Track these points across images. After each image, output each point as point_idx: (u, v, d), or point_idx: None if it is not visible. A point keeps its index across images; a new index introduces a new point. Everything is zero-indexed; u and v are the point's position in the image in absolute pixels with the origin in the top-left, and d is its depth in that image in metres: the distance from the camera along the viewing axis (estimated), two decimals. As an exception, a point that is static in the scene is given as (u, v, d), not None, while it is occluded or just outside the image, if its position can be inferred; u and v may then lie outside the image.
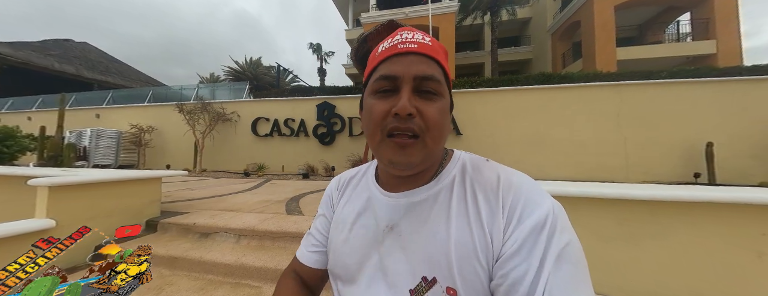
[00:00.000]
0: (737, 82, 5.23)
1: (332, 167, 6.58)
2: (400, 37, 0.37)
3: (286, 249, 1.84)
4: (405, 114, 0.33)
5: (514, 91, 6.17)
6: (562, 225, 0.31)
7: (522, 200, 0.33)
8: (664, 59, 9.54)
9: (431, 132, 0.34)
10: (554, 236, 0.30)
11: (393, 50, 0.36)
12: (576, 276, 0.29)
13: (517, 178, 0.36)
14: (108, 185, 2.07)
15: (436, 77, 0.35)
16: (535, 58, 14.03)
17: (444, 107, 0.36)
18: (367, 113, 0.37)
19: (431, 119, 0.34)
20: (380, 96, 0.36)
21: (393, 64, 0.35)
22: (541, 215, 0.31)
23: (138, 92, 9.89)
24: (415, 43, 0.35)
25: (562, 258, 0.29)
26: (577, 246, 0.31)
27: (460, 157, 0.42)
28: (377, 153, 0.37)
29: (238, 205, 2.84)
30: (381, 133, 0.35)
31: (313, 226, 0.52)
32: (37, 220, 1.69)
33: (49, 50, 14.05)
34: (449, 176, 0.39)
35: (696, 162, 5.06)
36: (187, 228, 2.14)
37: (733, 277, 1.16)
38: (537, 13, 13.96)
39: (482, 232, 0.33)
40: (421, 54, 0.35)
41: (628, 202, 1.27)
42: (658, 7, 10.73)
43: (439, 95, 0.35)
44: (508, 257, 0.30)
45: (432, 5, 8.91)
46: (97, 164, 7.14)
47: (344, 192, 0.49)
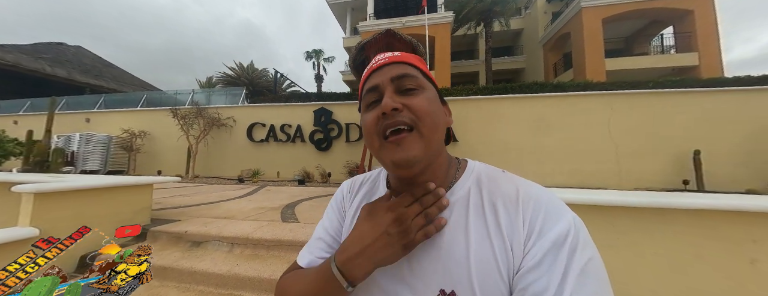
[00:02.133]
0: (721, 92, 5.46)
1: (329, 173, 6.53)
2: (374, 61, 0.41)
3: (282, 258, 1.80)
4: (390, 110, 0.34)
5: (508, 99, 6.30)
6: (584, 239, 0.31)
7: (542, 213, 0.33)
8: (650, 70, 9.92)
9: (423, 120, 0.35)
10: (576, 250, 0.30)
11: (370, 70, 0.41)
12: (600, 292, 0.28)
13: (536, 190, 0.36)
14: (97, 192, 2.01)
15: (412, 74, 0.38)
16: (527, 67, 14.42)
17: (430, 97, 0.38)
18: (363, 128, 0.40)
19: (419, 108, 0.35)
20: (369, 108, 0.39)
21: (373, 78, 0.39)
22: (563, 229, 0.31)
23: (131, 97, 9.76)
24: (386, 59, 0.40)
25: (585, 274, 0.29)
26: (599, 262, 0.30)
27: (474, 167, 0.41)
28: (380, 160, 0.38)
29: (231, 212, 2.78)
30: (378, 137, 0.36)
31: (321, 230, 0.47)
32: (20, 229, 1.61)
33: (41, 53, 13.85)
34: (464, 186, 0.39)
35: (685, 169, 5.19)
36: (178, 236, 2.07)
37: (727, 284, 1.17)
38: (529, 24, 14.45)
39: (502, 244, 0.32)
40: (394, 63, 0.39)
41: (618, 209, 1.27)
42: (643, 21, 11.24)
43: (420, 88, 0.38)
44: (529, 270, 0.30)
45: (428, 15, 9.16)
46: (85, 170, 6.93)
47: (355, 197, 0.48)
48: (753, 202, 1.15)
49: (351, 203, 0.47)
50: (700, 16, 9.52)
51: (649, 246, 1.25)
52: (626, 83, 6.08)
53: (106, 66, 17.21)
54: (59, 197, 1.78)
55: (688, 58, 9.61)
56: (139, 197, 2.31)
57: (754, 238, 1.16)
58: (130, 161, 7.86)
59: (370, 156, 5.65)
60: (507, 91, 6.47)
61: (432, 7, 10.41)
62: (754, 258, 1.16)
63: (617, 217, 1.29)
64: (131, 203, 2.24)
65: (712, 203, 1.18)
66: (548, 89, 6.32)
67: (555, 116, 5.97)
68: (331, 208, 0.50)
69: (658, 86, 5.83)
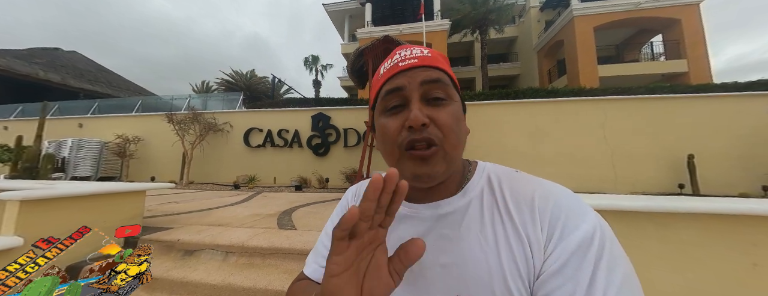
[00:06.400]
0: (711, 98, 5.60)
1: (326, 178, 6.46)
2: (399, 56, 0.37)
3: (278, 267, 1.74)
4: (419, 125, 0.32)
5: (504, 104, 6.37)
6: (610, 242, 0.29)
7: (563, 214, 0.31)
8: (641, 76, 10.18)
9: (449, 139, 0.33)
10: (604, 255, 0.27)
11: (395, 69, 0.36)
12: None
13: (556, 189, 0.34)
14: (87, 199, 1.94)
15: (443, 80, 0.35)
16: (522, 74, 14.70)
17: (456, 111, 0.35)
18: (380, 133, 0.36)
19: (446, 126, 0.33)
20: (391, 113, 0.35)
21: (398, 79, 0.35)
22: (588, 231, 0.29)
23: (126, 102, 9.66)
24: (415, 58, 0.35)
25: (617, 283, 0.26)
26: (631, 269, 0.28)
27: (485, 168, 0.40)
28: (399, 170, 0.35)
29: (226, 219, 2.71)
30: (399, 149, 0.34)
31: (325, 237, 0.46)
32: (3, 238, 1.54)
33: (35, 58, 13.72)
34: (477, 187, 0.37)
35: (680, 174, 5.25)
36: (170, 245, 2.00)
37: (730, 288, 1.16)
38: (523, 32, 14.81)
39: (521, 247, 0.31)
40: (424, 66, 0.35)
41: (619, 213, 1.27)
42: (633, 29, 11.61)
43: (449, 99, 0.35)
44: (551, 275, 0.28)
45: (425, 23, 9.34)
46: (75, 176, 6.77)
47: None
48: (751, 206, 1.15)
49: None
50: (688, 24, 9.86)
51: (650, 250, 1.24)
52: (619, 89, 6.21)
53: (101, 71, 17.10)
54: (46, 205, 1.71)
55: (678, 65, 9.90)
56: (130, 204, 2.24)
57: (754, 242, 1.16)
58: (122, 167, 7.70)
59: (368, 162, 5.62)
60: (503, 97, 6.56)
61: (429, 15, 10.62)
62: (755, 262, 1.16)
63: (619, 221, 1.28)
64: (122, 211, 2.17)
65: (712, 207, 1.18)
66: (543, 94, 6.42)
67: (550, 121, 6.04)
68: (335, 215, 0.49)
69: (651, 92, 5.95)
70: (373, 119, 0.40)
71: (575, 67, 10.47)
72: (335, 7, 14.43)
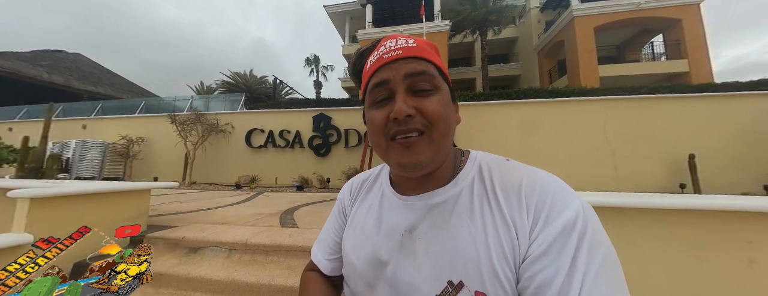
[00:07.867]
0: (712, 97, 5.58)
1: (327, 179, 6.49)
2: (384, 48, 0.36)
3: (281, 264, 1.77)
4: (403, 117, 0.32)
5: (504, 105, 6.38)
6: (593, 226, 0.29)
7: (549, 200, 0.31)
8: (642, 76, 10.14)
9: (436, 127, 0.33)
10: (585, 238, 0.28)
11: (380, 62, 0.36)
12: (615, 284, 0.27)
13: (542, 176, 0.35)
14: (94, 198, 1.98)
15: (428, 71, 0.34)
16: (523, 74, 14.68)
17: (444, 99, 0.35)
18: (369, 125, 0.37)
19: (432, 114, 0.33)
20: (378, 106, 0.36)
21: (383, 72, 0.35)
22: (570, 216, 0.29)
23: (129, 103, 9.74)
24: (399, 49, 0.35)
25: (597, 264, 0.27)
26: (612, 250, 0.29)
27: (477, 157, 0.41)
28: (386, 160, 0.37)
29: (229, 218, 2.74)
30: (385, 139, 0.35)
31: (326, 232, 0.51)
32: (13, 235, 1.58)
33: (40, 61, 13.87)
34: (468, 176, 0.38)
35: (681, 174, 5.23)
36: (175, 242, 2.04)
37: (727, 285, 1.17)
38: (523, 32, 14.80)
39: (508, 233, 0.31)
40: (408, 57, 0.35)
41: (616, 210, 1.27)
42: (633, 29, 11.58)
43: (435, 89, 0.35)
44: (535, 259, 0.29)
45: (425, 24, 9.36)
46: (79, 177, 6.84)
47: (357, 198, 0.48)
48: (746, 202, 1.16)
49: (352, 203, 0.48)
50: (688, 24, 9.83)
51: (645, 247, 1.25)
52: (621, 89, 6.20)
53: (104, 73, 17.25)
54: (55, 203, 1.75)
55: (679, 65, 9.86)
56: (136, 202, 2.28)
57: (750, 239, 1.17)
58: (125, 167, 7.77)
59: (369, 161, 5.65)
60: (503, 97, 6.57)
61: (429, 15, 10.66)
62: (751, 259, 1.17)
63: (616, 218, 1.29)
64: (128, 209, 2.21)
65: (707, 204, 1.18)
66: (543, 94, 6.42)
67: (551, 121, 6.04)
68: (335, 209, 0.52)
69: (652, 92, 5.95)
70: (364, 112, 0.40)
71: (576, 68, 10.46)
72: (336, 9, 14.50)
